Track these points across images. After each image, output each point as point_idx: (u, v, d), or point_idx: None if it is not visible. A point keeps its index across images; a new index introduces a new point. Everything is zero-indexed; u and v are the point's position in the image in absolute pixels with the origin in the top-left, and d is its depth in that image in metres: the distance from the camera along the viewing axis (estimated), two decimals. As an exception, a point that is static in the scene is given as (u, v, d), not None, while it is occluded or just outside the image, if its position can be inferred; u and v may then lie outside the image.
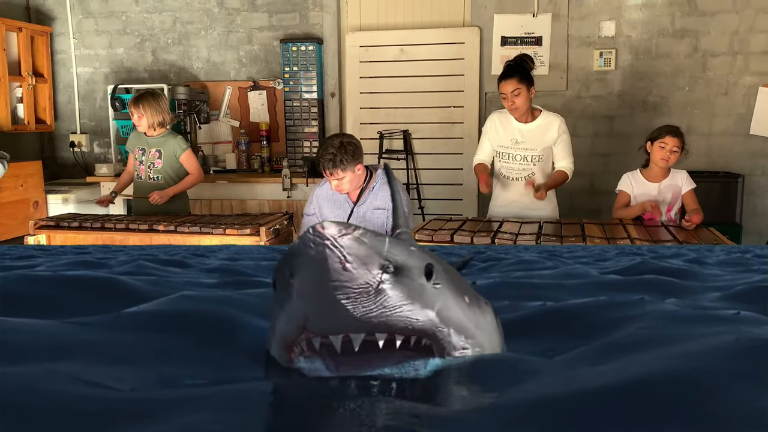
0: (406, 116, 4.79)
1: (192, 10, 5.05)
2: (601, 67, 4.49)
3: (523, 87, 3.03)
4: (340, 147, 2.71)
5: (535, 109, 3.16)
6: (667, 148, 2.95)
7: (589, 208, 4.41)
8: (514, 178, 3.19)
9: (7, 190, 4.28)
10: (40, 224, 3.23)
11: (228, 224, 3.04)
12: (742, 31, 4.32)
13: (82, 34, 5.25)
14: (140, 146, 3.56)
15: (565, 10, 4.50)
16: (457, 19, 4.72)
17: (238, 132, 5.01)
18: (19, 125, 4.77)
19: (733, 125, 4.41)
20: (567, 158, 3.16)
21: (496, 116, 3.24)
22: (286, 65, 4.81)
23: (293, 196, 4.51)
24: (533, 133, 3.13)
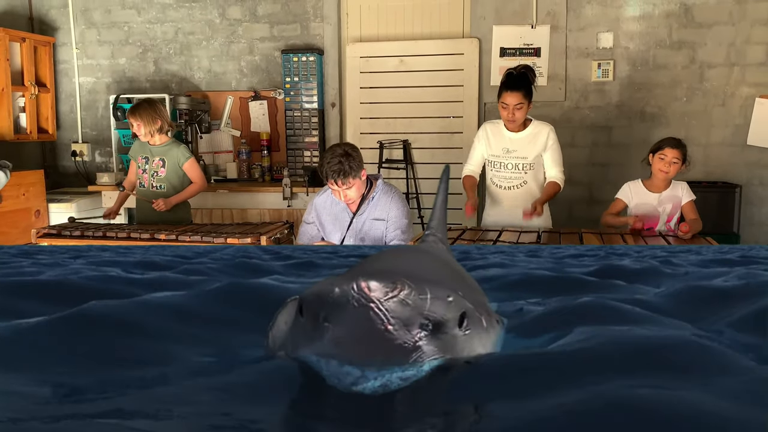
0: (406, 126, 4.82)
1: (194, 20, 5.09)
2: (599, 78, 4.53)
3: (526, 102, 3.10)
4: (344, 155, 2.71)
5: (526, 119, 3.22)
6: (667, 159, 2.98)
7: (588, 218, 4.43)
8: (505, 187, 3.23)
9: (9, 199, 4.30)
10: (42, 233, 3.26)
11: (229, 233, 3.07)
12: (738, 43, 4.36)
13: (84, 45, 5.29)
14: (144, 155, 3.59)
15: (563, 21, 4.54)
16: (457, 31, 4.76)
17: (239, 141, 5.04)
18: (22, 135, 4.80)
19: (730, 136, 4.44)
20: (557, 166, 3.21)
21: (487, 126, 3.30)
22: (287, 75, 4.85)
23: (294, 205, 4.54)
24: (524, 142, 3.19)
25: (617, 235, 2.94)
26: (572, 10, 4.52)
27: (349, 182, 2.72)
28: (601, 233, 3.01)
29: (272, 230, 3.18)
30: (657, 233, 2.96)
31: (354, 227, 2.87)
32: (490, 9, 4.63)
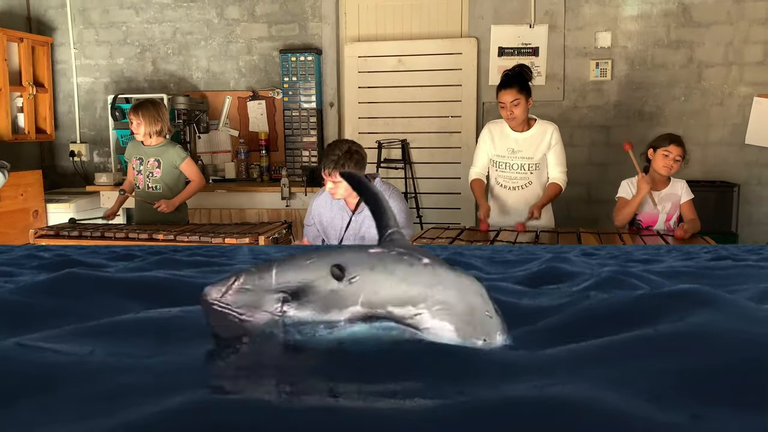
0: (405, 126, 4.82)
1: (192, 20, 5.09)
2: (598, 78, 4.53)
3: (522, 97, 3.07)
4: (346, 153, 2.73)
5: (530, 118, 3.19)
6: (671, 156, 2.97)
7: (586, 218, 4.44)
8: (510, 187, 3.22)
9: (7, 200, 4.30)
10: (40, 233, 3.25)
11: (227, 233, 3.07)
12: (736, 42, 4.36)
13: (82, 45, 5.29)
14: (138, 155, 3.56)
15: (561, 21, 4.55)
16: (455, 30, 4.76)
17: (237, 141, 5.04)
18: (20, 135, 4.80)
19: (728, 135, 4.45)
20: (560, 166, 3.19)
21: (491, 126, 3.27)
22: (285, 75, 4.84)
23: (292, 205, 4.54)
24: (529, 142, 3.17)
25: (614, 234, 2.94)
26: (570, 9, 4.52)
27: (336, 177, 2.71)
28: (599, 232, 3.01)
29: (270, 230, 3.18)
30: (656, 233, 2.96)
31: (353, 226, 2.87)
32: (488, 8, 4.63)
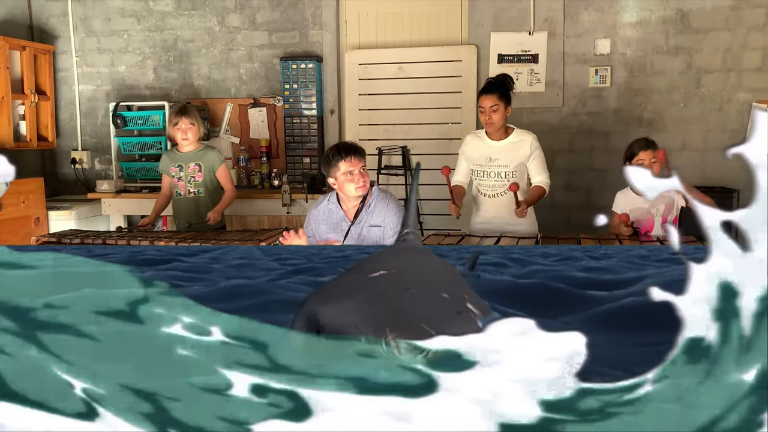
0: (405, 132, 4.84)
1: (193, 28, 5.12)
2: (597, 84, 4.55)
3: (501, 104, 3.18)
4: (351, 144, 2.87)
5: (508, 127, 3.29)
6: (645, 164, 2.96)
7: (586, 224, 4.43)
8: (490, 195, 3.30)
9: (9, 207, 4.31)
10: (41, 240, 3.27)
11: (228, 239, 3.08)
12: (735, 49, 4.38)
13: (84, 53, 5.31)
14: (176, 163, 3.64)
15: (560, 28, 4.57)
16: (455, 38, 4.78)
17: (238, 148, 5.05)
18: (22, 142, 4.82)
19: (727, 141, 4.46)
20: (542, 173, 3.27)
21: (470, 137, 3.41)
22: (286, 82, 4.87)
23: (293, 211, 4.55)
24: (506, 150, 3.25)
25: (614, 240, 2.95)
26: (569, 16, 4.55)
27: (355, 161, 2.78)
28: (599, 238, 3.02)
29: (271, 237, 3.20)
30: (654, 238, 2.97)
31: (352, 235, 2.88)
32: (487, 16, 4.65)
